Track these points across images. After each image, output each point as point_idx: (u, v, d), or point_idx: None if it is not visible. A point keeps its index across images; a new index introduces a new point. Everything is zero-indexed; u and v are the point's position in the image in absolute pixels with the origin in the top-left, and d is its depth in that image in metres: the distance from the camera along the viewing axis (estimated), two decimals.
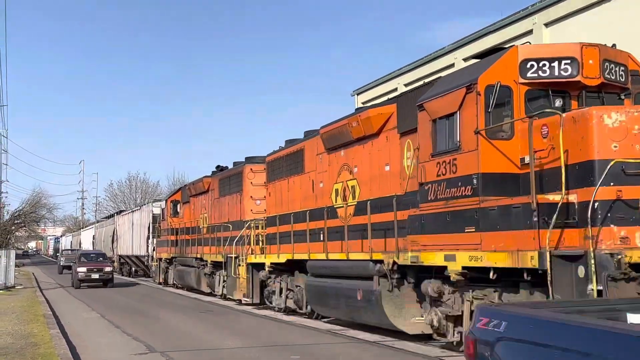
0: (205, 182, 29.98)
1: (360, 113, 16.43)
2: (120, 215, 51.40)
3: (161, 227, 36.98)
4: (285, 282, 20.74)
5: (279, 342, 15.40)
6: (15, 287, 34.30)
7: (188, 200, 33.31)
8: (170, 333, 17.26)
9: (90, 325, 19.21)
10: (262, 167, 25.35)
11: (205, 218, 30.16)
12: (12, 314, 20.50)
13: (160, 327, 18.53)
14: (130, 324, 19.05)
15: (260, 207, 25.22)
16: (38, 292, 32.07)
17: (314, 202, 19.19)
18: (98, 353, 14.01)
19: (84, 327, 18.54)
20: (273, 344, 15.12)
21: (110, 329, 18.26)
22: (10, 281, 34.17)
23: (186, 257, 31.49)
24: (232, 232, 25.64)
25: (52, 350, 13.11)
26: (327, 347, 14.56)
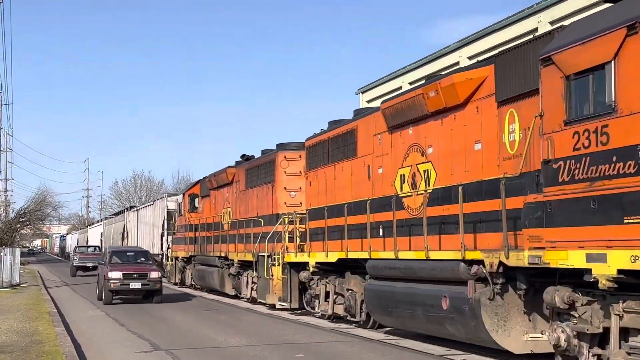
0: (229, 173, 26.92)
1: (439, 80, 13.36)
2: (131, 211, 48.32)
3: (177, 223, 33.92)
4: (333, 284, 17.66)
5: None
6: (21, 285, 33.87)
7: (208, 193, 30.26)
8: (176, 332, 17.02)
9: (95, 323, 19.10)
10: (297, 154, 22.33)
11: (229, 213, 27.12)
12: (18, 312, 20.28)
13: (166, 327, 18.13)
14: (135, 322, 18.75)
15: (296, 199, 22.19)
16: (43, 290, 31.50)
17: (369, 191, 16.15)
18: (103, 351, 13.93)
19: (89, 325, 18.41)
20: None
21: (115, 327, 18.16)
22: (16, 279, 33.97)
23: (207, 256, 28.44)
24: (264, 227, 22.58)
25: (57, 348, 12.97)
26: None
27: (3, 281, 32.66)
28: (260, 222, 22.76)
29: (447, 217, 13.07)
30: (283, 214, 21.70)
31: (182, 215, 32.57)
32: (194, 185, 31.97)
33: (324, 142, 18.87)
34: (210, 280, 27.87)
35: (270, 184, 22.93)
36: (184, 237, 31.92)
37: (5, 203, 74.50)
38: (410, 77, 34.46)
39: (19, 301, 24.38)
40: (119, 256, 26.39)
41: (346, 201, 16.98)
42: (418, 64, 33.96)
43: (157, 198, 39.66)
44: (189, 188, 32.16)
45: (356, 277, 16.61)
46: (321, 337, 15.80)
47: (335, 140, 18.16)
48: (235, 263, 24.80)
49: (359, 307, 16.39)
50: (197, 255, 29.95)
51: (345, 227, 16.18)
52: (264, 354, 13.39)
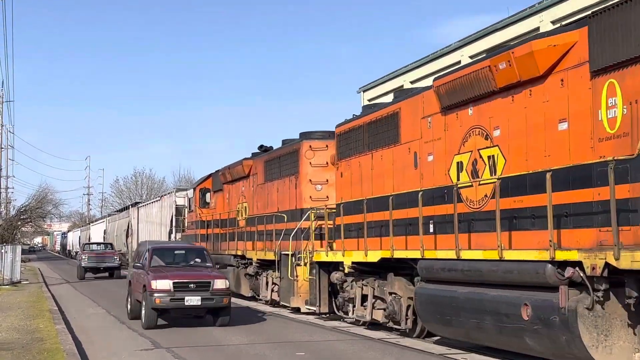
0: (246, 166, 24.91)
1: (513, 49, 11.35)
2: (136, 208, 46.22)
3: (187, 219, 31.88)
4: (372, 287, 15.64)
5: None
6: (21, 282, 33.46)
7: (221, 188, 28.26)
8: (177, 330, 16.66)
9: (96, 320, 18.84)
10: (323, 143, 20.38)
11: (245, 208, 25.12)
12: (18, 309, 20.10)
13: None
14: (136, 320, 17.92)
15: (322, 193, 20.23)
16: (44, 287, 31.16)
17: (416, 181, 14.17)
18: (104, 348, 13.74)
19: (90, 323, 18.14)
20: None
21: (115, 324, 17.95)
22: (16, 276, 33.62)
23: (221, 255, 26.42)
24: (287, 224, 20.59)
25: (57, 345, 12.88)
26: None
27: (4, 278, 32.36)
28: (283, 217, 20.76)
29: (519, 210, 11.10)
30: (308, 208, 19.74)
31: (193, 211, 30.57)
32: (206, 179, 29.96)
33: (358, 128, 16.86)
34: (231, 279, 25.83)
35: (293, 177, 20.93)
36: (195, 235, 29.92)
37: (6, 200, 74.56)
38: (411, 75, 34.35)
39: (19, 298, 24.02)
40: (162, 256, 18.49)
41: (387, 193, 15.03)
42: (419, 62, 33.83)
43: (165, 193, 37.60)
44: (200, 182, 30.14)
45: (401, 279, 14.59)
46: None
47: (372, 126, 16.15)
48: (254, 262, 22.79)
49: (404, 314, 14.37)
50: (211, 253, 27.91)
51: (391, 222, 14.15)
52: None
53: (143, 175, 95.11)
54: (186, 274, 17.30)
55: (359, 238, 16.23)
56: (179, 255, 19.17)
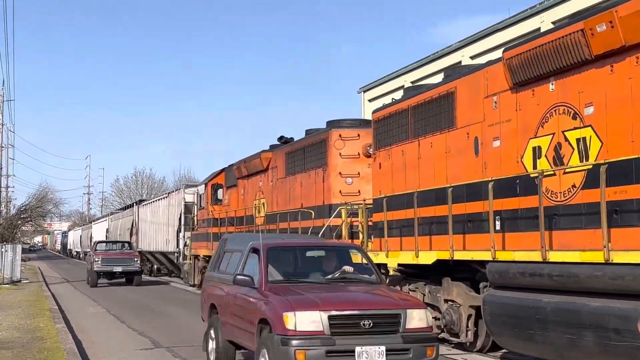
0: (264, 158, 22.92)
1: (616, 7, 9.35)
2: (141, 205, 44.09)
3: (198, 217, 29.87)
4: (422, 293, 13.63)
5: None
6: (22, 281, 33.37)
7: (235, 183, 26.26)
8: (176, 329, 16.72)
9: (97, 319, 18.88)
10: (355, 132, 18.44)
11: (263, 204, 23.13)
12: (19, 308, 20.07)
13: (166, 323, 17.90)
14: (135, 319, 18.46)
15: (352, 187, 18.27)
16: (44, 286, 31.12)
17: (478, 171, 12.22)
18: (104, 348, 13.75)
19: (90, 322, 18.19)
20: None
21: (115, 323, 18.00)
22: (17, 275, 33.53)
23: None
24: (315, 221, 18.62)
25: (58, 344, 12.86)
26: None
27: (4, 277, 32.20)
28: (310, 214, 18.77)
29: (623, 203, 9.12)
30: (338, 204, 17.80)
31: (204, 208, 28.57)
32: (218, 174, 27.96)
33: (401, 112, 14.87)
34: None
35: (320, 169, 18.94)
36: (206, 233, 27.93)
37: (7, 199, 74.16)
38: (412, 76, 34.26)
39: (20, 297, 23.93)
40: (283, 264, 10.55)
41: (438, 185, 13.08)
42: (420, 63, 33.85)
43: (172, 190, 35.59)
44: (212, 177, 28.12)
45: (460, 284, 12.59)
46: None
47: (419, 110, 14.17)
48: None
49: (465, 324, 12.37)
50: None
51: (450, 218, 12.16)
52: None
53: (143, 175, 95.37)
54: (350, 299, 9.32)
55: (404, 236, 14.28)
56: (311, 260, 11.00)
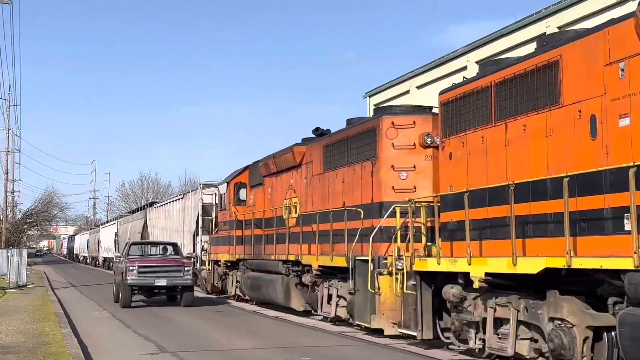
0: (297, 153, 20.38)
1: None
2: (153, 208, 41.50)
3: (219, 219, 27.33)
4: (515, 309, 11.00)
5: None
6: (27, 285, 32.97)
7: (261, 181, 23.73)
8: None
9: (102, 324, 18.61)
10: (410, 119, 15.92)
11: (295, 204, 20.59)
12: (24, 313, 19.82)
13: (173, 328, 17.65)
14: (141, 324, 18.13)
15: (407, 182, 15.74)
16: (49, 291, 30.69)
17: (596, 157, 9.68)
18: (109, 352, 13.53)
19: (96, 327, 17.95)
20: None
21: (121, 328, 17.68)
22: (22, 280, 33.18)
23: (265, 260, 21.89)
24: (364, 221, 16.06)
25: (63, 349, 12.69)
26: None
27: (10, 282, 31.94)
28: (358, 213, 16.19)
29: None
30: (391, 202, 15.31)
31: (226, 209, 26.02)
32: (241, 172, 25.41)
33: (480, 92, 12.33)
34: (269, 291, 21.28)
35: (368, 162, 16.39)
36: (228, 237, 25.40)
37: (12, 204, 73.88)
38: (417, 81, 34.06)
39: (25, 302, 23.69)
40: None
41: (534, 177, 10.57)
42: (426, 68, 33.40)
43: (188, 191, 32.88)
44: (235, 176, 25.56)
45: (572, 299, 9.97)
46: None
47: (506, 86, 11.63)
48: (314, 270, 18.21)
49: (580, 350, 9.77)
50: (249, 258, 23.36)
51: (566, 215, 9.56)
52: None
53: (149, 179, 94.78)
54: None
55: (486, 239, 11.76)
56: None
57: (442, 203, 13.22)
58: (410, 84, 34.71)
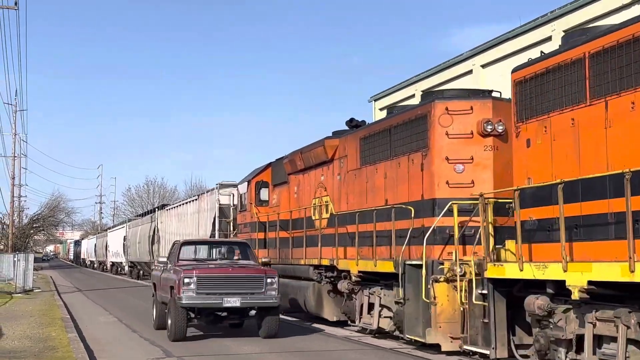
0: (329, 147, 18.33)
1: None
2: (164, 210, 39.39)
3: (239, 221, 25.24)
4: (624, 324, 8.91)
5: None
6: (34, 290, 32.64)
7: (285, 180, 21.69)
8: None
9: (108, 329, 18.26)
10: (467, 104, 13.93)
11: (327, 203, 18.54)
12: (31, 317, 19.68)
13: None
14: (148, 328, 17.70)
15: (464, 176, 13.75)
16: (56, 295, 30.33)
17: None
18: (115, 357, 13.40)
19: (102, 331, 17.61)
20: None
21: (127, 332, 17.37)
22: (29, 284, 32.85)
23: (293, 265, 19.81)
24: (413, 220, 13.99)
25: (70, 354, 12.59)
26: None
27: (16, 287, 31.58)
28: (407, 212, 14.11)
29: None
30: (445, 199, 13.32)
31: (246, 210, 23.96)
32: (263, 170, 23.34)
33: (569, 65, 10.26)
34: (298, 298, 19.21)
35: (418, 154, 14.32)
36: (250, 239, 23.28)
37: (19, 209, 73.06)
38: (423, 85, 33.08)
39: (32, 307, 23.48)
40: None
41: None
42: (431, 72, 32.79)
43: (204, 191, 30.75)
44: (256, 174, 23.47)
45: None
46: None
47: (604, 56, 9.56)
48: (353, 276, 16.10)
49: None
50: (274, 263, 21.26)
51: None
52: None
53: (155, 184, 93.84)
54: None
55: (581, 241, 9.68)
56: None
57: (521, 198, 11.12)
58: (415, 87, 34.16)
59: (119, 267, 59.49)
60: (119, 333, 17.24)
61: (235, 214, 27.19)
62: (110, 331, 17.65)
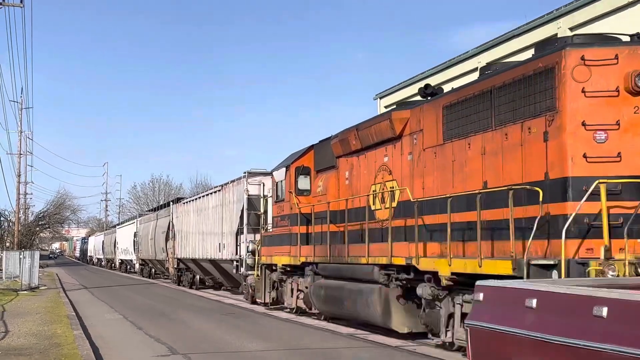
0: (397, 120, 14.73)
1: None
2: (181, 204, 35.65)
3: (274, 213, 21.53)
4: None
5: None
6: (39, 287, 32.15)
7: (333, 164, 18.15)
8: None
9: (113, 326, 17.86)
10: (610, 52, 10.39)
11: (392, 189, 14.94)
12: (36, 315, 19.20)
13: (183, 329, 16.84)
14: (152, 326, 17.33)
15: (607, 146, 10.21)
16: (62, 292, 29.99)
17: None
18: (120, 354, 13.22)
19: (107, 329, 17.23)
20: None
21: (132, 330, 16.90)
22: (35, 282, 32.48)
23: (350, 264, 16.11)
24: (530, 207, 10.39)
25: (75, 351, 12.41)
26: None
27: (22, 284, 31.41)
28: (534, 195, 10.45)
29: None
30: (582, 177, 9.81)
31: (284, 200, 20.34)
32: (304, 154, 19.71)
33: None
34: (357, 305, 15.57)
35: (539, 120, 10.72)
36: (288, 235, 19.75)
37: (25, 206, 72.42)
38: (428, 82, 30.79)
39: (37, 304, 23.30)
40: None
41: None
42: (436, 69, 32.38)
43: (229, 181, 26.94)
44: (296, 158, 19.80)
45: None
46: None
47: None
48: (444, 279, 12.41)
49: None
50: (322, 262, 17.66)
51: None
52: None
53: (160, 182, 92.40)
54: None
55: None
56: None
57: None
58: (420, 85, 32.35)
59: (129, 265, 55.89)
60: (124, 330, 17.01)
61: (266, 206, 23.64)
62: (116, 328, 17.42)
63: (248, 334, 15.95)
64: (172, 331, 16.30)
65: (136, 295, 29.77)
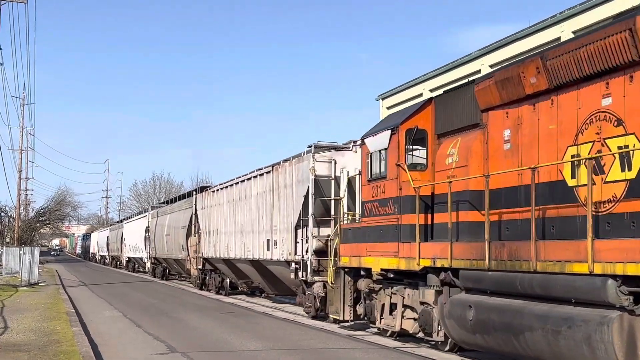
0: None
1: None
2: (208, 192, 28.35)
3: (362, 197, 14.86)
4: None
5: None
6: (39, 283, 31.61)
7: (475, 121, 11.83)
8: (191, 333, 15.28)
9: (112, 323, 17.34)
10: None
11: (626, 149, 8.57)
12: (35, 311, 18.66)
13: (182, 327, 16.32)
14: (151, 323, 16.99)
15: None
16: (61, 289, 29.02)
17: None
18: (119, 351, 12.78)
19: (106, 326, 16.80)
20: None
21: (131, 327, 16.43)
22: (34, 278, 31.80)
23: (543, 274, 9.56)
24: None
25: (74, 347, 12.05)
26: None
27: (22, 280, 30.75)
28: None
29: None
30: None
31: (386, 178, 13.64)
32: (419, 110, 13.23)
33: None
34: (559, 344, 9.08)
35: None
36: (393, 227, 13.18)
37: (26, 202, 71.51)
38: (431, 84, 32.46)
39: (37, 300, 22.35)
40: None
41: None
42: (439, 71, 31.89)
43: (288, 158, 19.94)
44: (407, 117, 13.34)
45: None
46: None
47: None
48: None
49: None
50: (471, 268, 11.14)
51: None
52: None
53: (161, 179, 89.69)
54: None
55: None
56: None
57: None
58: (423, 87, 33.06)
59: (138, 263, 49.14)
60: (123, 327, 16.42)
61: (338, 191, 17.29)
62: (115, 325, 16.86)
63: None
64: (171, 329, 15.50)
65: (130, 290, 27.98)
